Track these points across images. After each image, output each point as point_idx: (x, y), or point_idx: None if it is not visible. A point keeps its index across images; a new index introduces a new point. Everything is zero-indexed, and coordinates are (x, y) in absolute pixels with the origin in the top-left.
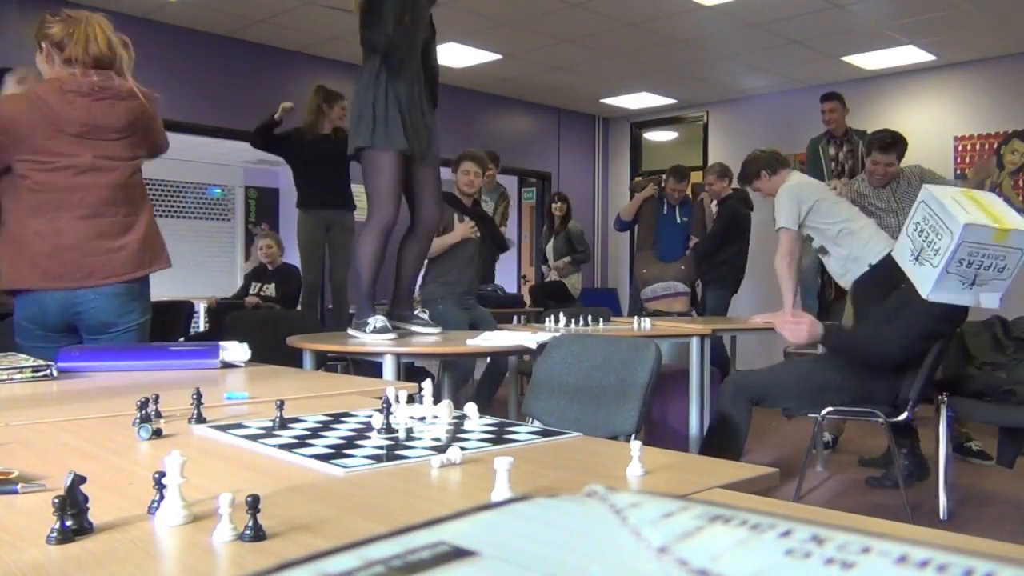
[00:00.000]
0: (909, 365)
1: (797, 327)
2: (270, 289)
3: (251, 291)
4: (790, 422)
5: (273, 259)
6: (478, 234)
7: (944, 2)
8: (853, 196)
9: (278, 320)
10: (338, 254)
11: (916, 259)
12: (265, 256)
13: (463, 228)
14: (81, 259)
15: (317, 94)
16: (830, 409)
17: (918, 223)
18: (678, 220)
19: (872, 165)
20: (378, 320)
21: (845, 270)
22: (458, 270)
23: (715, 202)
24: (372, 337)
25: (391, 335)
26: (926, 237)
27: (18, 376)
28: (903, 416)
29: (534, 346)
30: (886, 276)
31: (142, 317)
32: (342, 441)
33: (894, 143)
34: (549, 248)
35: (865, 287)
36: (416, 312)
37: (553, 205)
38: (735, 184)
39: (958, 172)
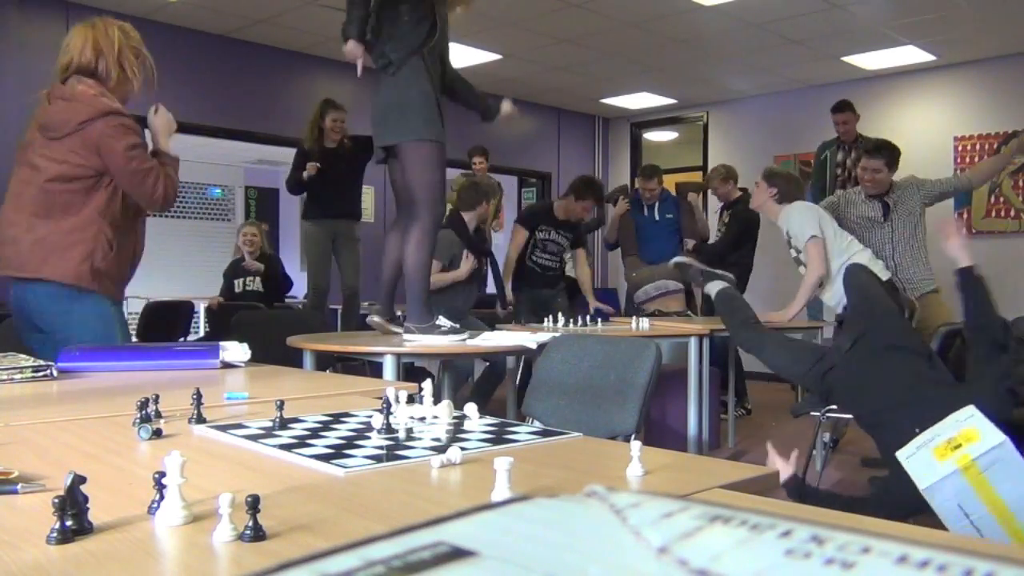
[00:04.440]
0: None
1: None
2: (255, 283)
3: (236, 288)
4: (789, 422)
5: (255, 249)
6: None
7: (944, 2)
8: (843, 203)
9: (280, 320)
10: (347, 262)
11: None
12: (248, 245)
13: (468, 266)
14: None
15: (316, 108)
16: (830, 408)
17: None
18: (658, 218)
19: (861, 171)
20: (446, 322)
21: (836, 300)
22: (453, 295)
23: (722, 205)
24: (444, 338)
25: (463, 335)
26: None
27: (18, 376)
28: None
29: (534, 346)
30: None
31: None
32: (342, 441)
33: (879, 148)
34: None
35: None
36: (396, 315)
37: None
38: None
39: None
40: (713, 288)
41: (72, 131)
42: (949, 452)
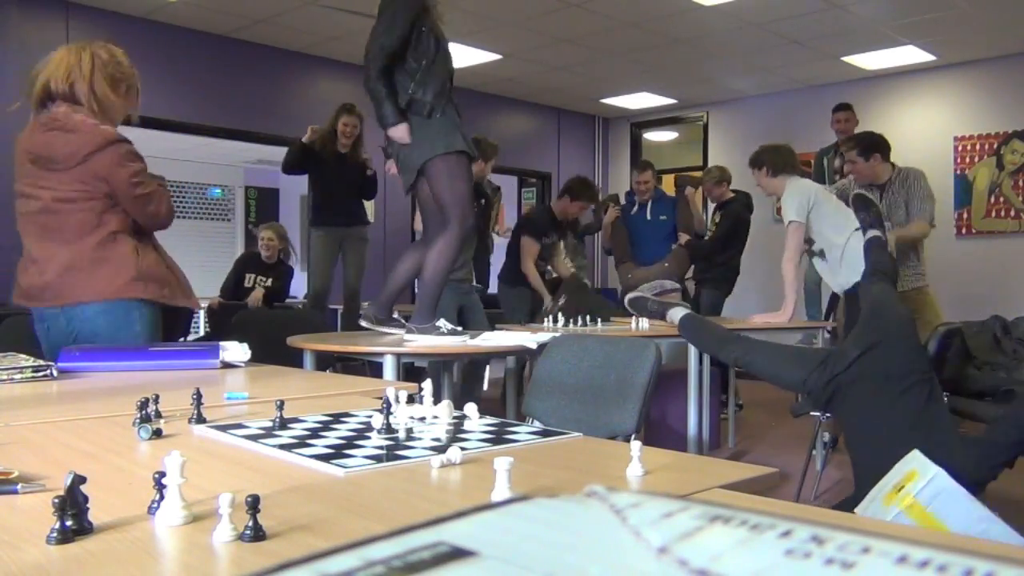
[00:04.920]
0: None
1: None
2: (267, 282)
3: (246, 283)
4: (789, 422)
5: (272, 254)
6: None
7: (944, 2)
8: (839, 195)
9: (280, 320)
10: (352, 263)
11: None
12: (266, 249)
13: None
14: (37, 279)
15: (335, 112)
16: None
17: None
18: (650, 218)
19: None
20: (447, 324)
21: (838, 275)
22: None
23: (715, 206)
24: (444, 338)
25: (464, 337)
26: None
27: (18, 376)
28: None
29: (534, 346)
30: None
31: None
32: (342, 441)
33: (850, 139)
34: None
35: (858, 296)
36: (394, 316)
37: None
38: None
39: (958, 172)
40: (676, 315)
41: (78, 163)
42: (895, 496)
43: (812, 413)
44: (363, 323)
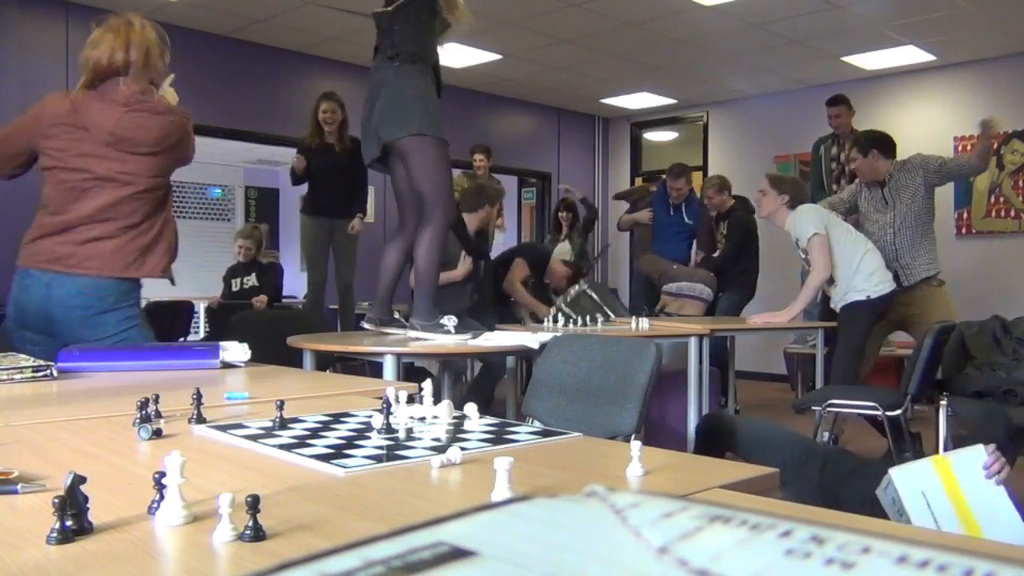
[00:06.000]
0: None
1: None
2: (251, 280)
3: (233, 288)
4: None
5: (250, 258)
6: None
7: (944, 2)
8: (848, 196)
9: (280, 320)
10: (343, 256)
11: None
12: (243, 257)
13: (464, 268)
14: (57, 247)
15: (314, 104)
16: (831, 403)
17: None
18: (686, 220)
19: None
20: (450, 321)
21: (843, 298)
22: (449, 299)
23: (716, 215)
24: (446, 338)
25: (469, 334)
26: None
27: (18, 376)
28: (899, 410)
29: (535, 346)
30: (879, 309)
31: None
32: (342, 441)
33: (852, 137)
34: (557, 251)
35: (856, 312)
36: (395, 316)
37: (560, 214)
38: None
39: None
40: None
41: (164, 149)
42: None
43: (813, 408)
44: (366, 325)
